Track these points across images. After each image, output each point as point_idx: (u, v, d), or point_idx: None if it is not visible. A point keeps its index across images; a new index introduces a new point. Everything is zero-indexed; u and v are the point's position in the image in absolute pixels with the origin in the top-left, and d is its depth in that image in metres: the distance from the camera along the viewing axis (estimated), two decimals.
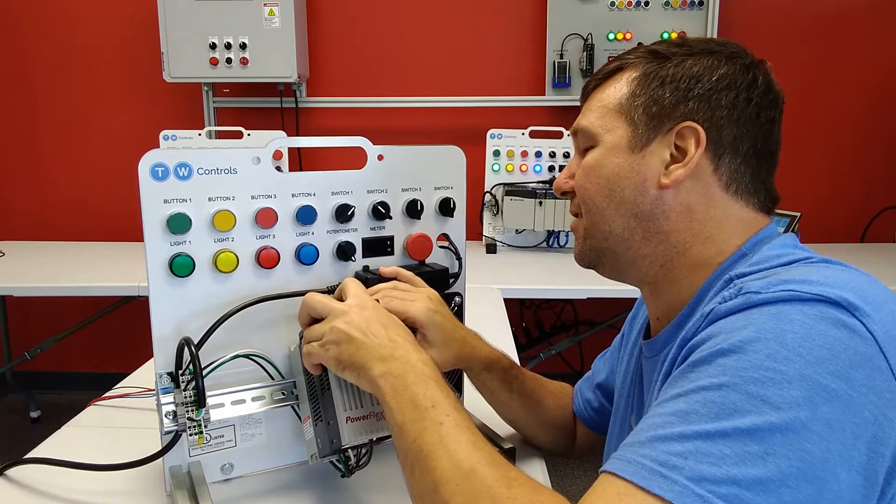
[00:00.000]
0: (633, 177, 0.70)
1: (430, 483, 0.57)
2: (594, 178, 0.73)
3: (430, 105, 2.79)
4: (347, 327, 0.70)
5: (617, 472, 0.51)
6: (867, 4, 2.68)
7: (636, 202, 0.70)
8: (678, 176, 0.68)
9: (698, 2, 2.56)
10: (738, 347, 0.53)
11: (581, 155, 0.76)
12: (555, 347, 2.49)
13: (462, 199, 0.93)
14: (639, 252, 0.72)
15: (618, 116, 0.72)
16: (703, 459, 0.48)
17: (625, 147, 0.71)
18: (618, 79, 0.74)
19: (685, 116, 0.69)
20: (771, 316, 0.54)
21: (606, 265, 0.76)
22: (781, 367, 0.50)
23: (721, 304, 0.59)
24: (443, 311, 0.80)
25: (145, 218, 0.75)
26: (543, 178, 2.53)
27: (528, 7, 2.73)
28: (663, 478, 0.48)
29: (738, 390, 0.50)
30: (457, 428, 0.59)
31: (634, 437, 0.53)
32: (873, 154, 2.77)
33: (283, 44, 2.50)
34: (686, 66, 0.70)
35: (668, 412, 0.53)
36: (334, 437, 0.75)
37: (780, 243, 0.68)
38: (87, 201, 2.92)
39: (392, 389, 0.64)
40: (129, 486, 0.83)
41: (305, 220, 0.83)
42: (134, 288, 2.09)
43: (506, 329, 1.52)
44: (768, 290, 0.56)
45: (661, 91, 0.70)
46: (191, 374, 0.74)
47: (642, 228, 0.71)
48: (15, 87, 2.86)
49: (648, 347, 0.78)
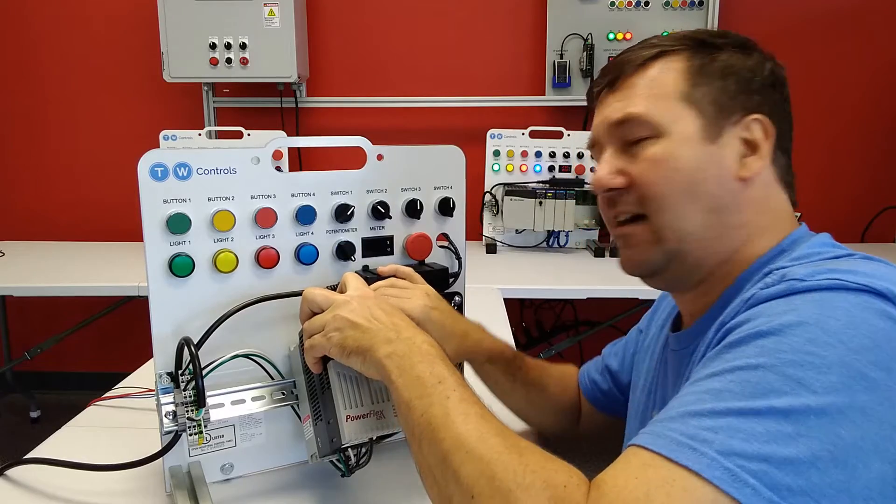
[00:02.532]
0: (712, 169, 0.66)
1: (440, 454, 0.56)
2: (668, 172, 0.67)
3: (430, 105, 2.78)
4: (351, 314, 0.70)
5: (644, 444, 0.50)
6: (867, 4, 2.68)
7: (718, 196, 0.66)
8: (757, 168, 0.67)
9: (698, 2, 2.56)
10: (778, 330, 0.52)
11: (624, 148, 0.70)
12: (555, 347, 2.49)
13: (462, 199, 0.93)
14: (709, 250, 0.68)
15: (681, 105, 0.67)
16: (734, 435, 0.47)
17: (698, 138, 0.67)
18: (662, 66, 0.69)
19: (752, 109, 0.67)
20: (815, 302, 0.53)
21: (669, 271, 0.70)
22: (822, 352, 0.49)
23: (763, 290, 0.58)
24: (441, 306, 0.80)
25: (145, 218, 0.75)
26: (543, 178, 2.53)
27: (528, 7, 2.73)
28: (692, 450, 0.47)
29: (775, 371, 0.49)
30: (464, 401, 0.59)
31: (664, 414, 0.52)
32: (873, 154, 2.77)
33: (283, 44, 2.50)
34: (740, 57, 0.69)
35: (701, 390, 0.52)
36: (334, 436, 0.75)
37: (820, 241, 0.67)
38: (87, 201, 2.92)
39: (398, 369, 0.64)
40: (129, 486, 0.83)
41: (305, 220, 0.83)
42: (134, 288, 2.09)
43: (506, 329, 1.52)
44: (813, 277, 0.55)
45: (725, 82, 0.67)
46: (191, 374, 0.74)
47: (720, 224, 0.67)
48: (15, 86, 2.86)
49: (677, 340, 0.76)
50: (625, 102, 0.69)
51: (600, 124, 0.73)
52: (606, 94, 0.73)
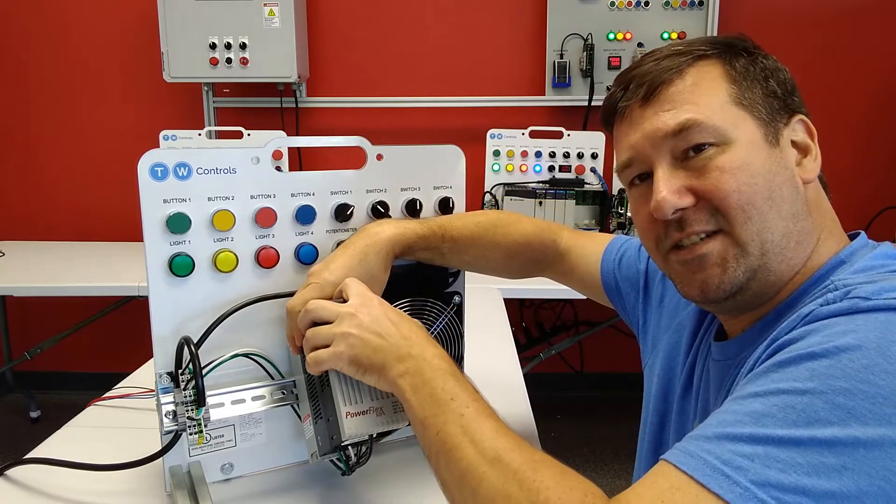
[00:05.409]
0: (783, 172, 0.63)
1: (458, 473, 0.56)
2: (748, 179, 0.61)
3: (430, 105, 2.78)
4: (360, 331, 0.69)
5: (676, 462, 0.48)
6: (867, 4, 2.68)
7: (793, 199, 0.63)
8: (815, 169, 0.65)
9: (698, 2, 2.56)
10: (832, 353, 0.48)
11: (681, 162, 0.64)
12: (555, 347, 2.49)
13: (461, 199, 0.93)
14: (788, 262, 0.63)
15: (737, 110, 0.63)
16: (771, 464, 0.45)
17: (763, 142, 0.63)
18: (699, 71, 0.65)
19: (795, 109, 0.66)
20: (879, 324, 0.49)
21: (749, 290, 0.64)
22: (878, 381, 0.46)
23: (823, 307, 0.54)
24: (360, 268, 0.78)
25: (145, 218, 0.75)
26: (543, 178, 2.52)
27: (528, 7, 2.73)
28: (725, 477, 0.45)
29: (824, 399, 0.46)
30: (478, 417, 0.59)
31: (701, 431, 0.50)
32: (873, 154, 2.77)
33: (283, 44, 2.50)
34: (771, 60, 0.67)
35: (742, 411, 0.49)
36: (334, 433, 0.75)
37: (883, 253, 0.62)
38: (87, 201, 2.92)
39: (411, 387, 0.64)
40: (129, 486, 0.83)
41: (305, 220, 0.83)
42: (134, 288, 2.09)
43: (506, 329, 1.52)
44: (880, 296, 0.52)
45: (770, 84, 0.65)
46: (190, 374, 0.74)
47: (798, 230, 0.63)
48: (15, 86, 2.86)
49: (721, 351, 0.71)
50: (675, 112, 0.63)
51: (642, 140, 0.66)
52: (640, 108, 0.66)
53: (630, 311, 0.95)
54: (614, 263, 0.96)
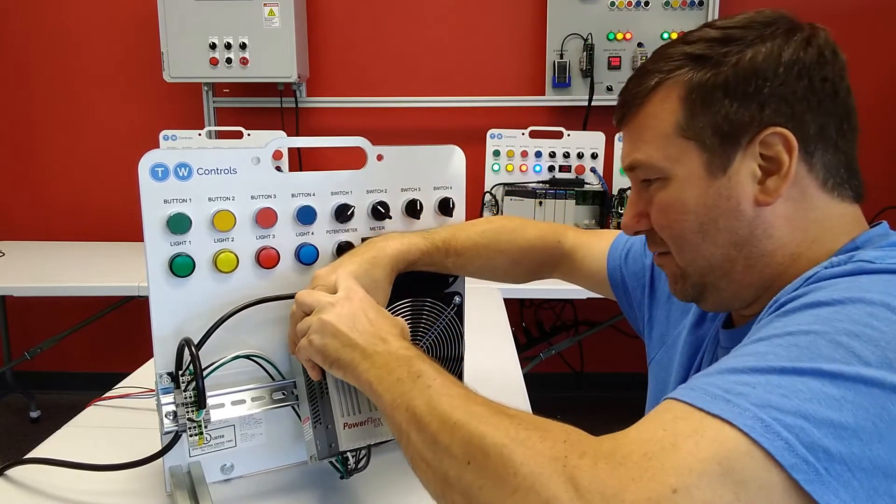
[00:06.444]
0: (723, 204, 0.62)
1: (429, 437, 0.54)
2: (677, 216, 0.65)
3: (430, 105, 2.78)
4: (335, 319, 0.70)
5: (678, 396, 0.48)
6: (867, 4, 2.68)
7: (733, 230, 0.63)
8: (778, 188, 0.60)
9: (698, 2, 2.56)
10: (838, 301, 0.49)
11: (642, 188, 0.68)
12: (555, 347, 2.49)
13: (462, 199, 0.93)
14: (742, 282, 0.65)
15: (682, 142, 0.63)
16: (773, 390, 0.45)
17: (703, 175, 0.63)
18: (662, 96, 0.65)
19: (765, 123, 0.60)
20: (882, 282, 0.50)
21: (708, 301, 0.69)
22: (882, 327, 0.46)
23: (827, 269, 0.55)
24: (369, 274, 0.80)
25: (145, 218, 0.75)
26: (543, 178, 2.52)
27: (528, 7, 2.73)
28: (726, 401, 0.45)
29: (828, 338, 0.46)
30: (445, 386, 0.58)
31: (704, 373, 0.50)
32: (873, 154, 2.77)
33: (283, 44, 2.50)
34: (745, 62, 0.60)
35: (745, 353, 0.49)
36: (332, 441, 0.76)
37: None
38: (88, 201, 2.92)
39: (377, 379, 0.64)
40: (129, 486, 0.83)
41: (305, 220, 0.83)
42: (134, 288, 2.09)
43: (506, 329, 1.52)
44: (884, 260, 0.52)
45: (727, 103, 0.61)
46: (191, 375, 0.74)
47: (743, 256, 0.64)
48: (14, 86, 2.86)
49: (729, 338, 0.72)
50: (630, 147, 0.68)
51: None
52: (622, 127, 0.71)
53: (636, 307, 0.95)
54: (620, 259, 0.96)
